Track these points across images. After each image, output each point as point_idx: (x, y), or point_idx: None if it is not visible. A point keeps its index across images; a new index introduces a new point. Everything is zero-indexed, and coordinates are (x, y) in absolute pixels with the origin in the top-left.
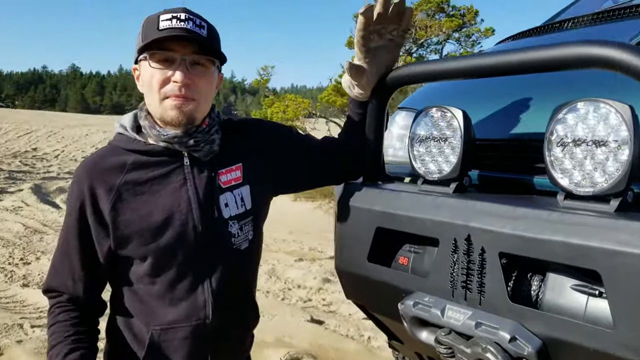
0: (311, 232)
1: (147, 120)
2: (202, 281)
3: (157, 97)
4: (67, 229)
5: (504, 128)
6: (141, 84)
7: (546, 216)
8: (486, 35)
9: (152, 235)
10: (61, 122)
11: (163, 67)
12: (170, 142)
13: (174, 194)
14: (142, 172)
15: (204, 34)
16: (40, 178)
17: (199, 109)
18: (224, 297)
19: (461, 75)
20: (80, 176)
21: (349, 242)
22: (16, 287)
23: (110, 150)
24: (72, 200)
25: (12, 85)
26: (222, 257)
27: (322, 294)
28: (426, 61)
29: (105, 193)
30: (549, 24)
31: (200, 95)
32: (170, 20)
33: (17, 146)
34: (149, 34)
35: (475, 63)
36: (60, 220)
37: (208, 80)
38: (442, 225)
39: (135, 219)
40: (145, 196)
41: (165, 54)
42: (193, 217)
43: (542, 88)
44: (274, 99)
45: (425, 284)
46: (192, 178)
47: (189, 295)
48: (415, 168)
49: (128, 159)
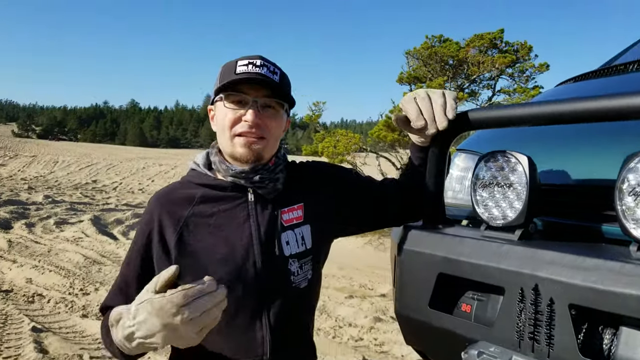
0: (361, 268)
1: (217, 156)
2: (260, 317)
3: (228, 135)
4: (130, 255)
5: (570, 174)
6: (215, 123)
7: (619, 268)
8: (540, 71)
9: (214, 267)
10: (120, 155)
11: (236, 108)
12: (238, 177)
13: (237, 228)
14: (209, 205)
15: (277, 79)
16: (99, 209)
17: (267, 148)
18: (281, 335)
19: (531, 122)
20: (151, 206)
21: (410, 286)
22: (76, 317)
23: (182, 184)
24: (140, 227)
25: (76, 120)
26: (281, 294)
27: (373, 333)
28: (492, 107)
29: (172, 223)
30: (613, 67)
31: (269, 135)
32: (246, 66)
33: (78, 178)
34: (225, 77)
35: (548, 110)
36: (117, 252)
37: (277, 122)
38: (509, 274)
39: (199, 250)
40: (210, 228)
41: (239, 95)
42: (254, 252)
43: (609, 133)
44: (325, 134)
45: (490, 334)
46: (255, 214)
47: (247, 331)
48: (478, 213)
49: (197, 193)
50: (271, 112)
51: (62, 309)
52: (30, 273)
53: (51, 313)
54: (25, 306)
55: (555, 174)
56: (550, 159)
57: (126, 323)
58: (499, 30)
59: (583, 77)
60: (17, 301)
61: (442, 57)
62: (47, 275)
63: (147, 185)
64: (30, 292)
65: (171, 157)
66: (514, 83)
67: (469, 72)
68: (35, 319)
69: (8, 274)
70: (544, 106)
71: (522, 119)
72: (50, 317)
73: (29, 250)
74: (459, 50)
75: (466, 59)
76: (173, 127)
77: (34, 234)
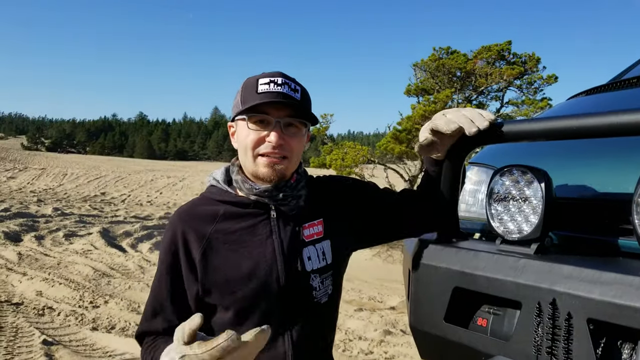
0: (369, 281)
1: (239, 175)
2: (282, 332)
3: (251, 154)
4: (160, 276)
5: (585, 187)
6: (236, 140)
7: (638, 282)
8: (549, 83)
9: (237, 283)
10: (128, 167)
11: (259, 129)
12: (261, 195)
13: (260, 245)
14: (232, 222)
15: (298, 97)
16: (108, 222)
17: (290, 166)
18: (303, 349)
19: (546, 136)
20: (174, 224)
21: (425, 300)
22: (86, 330)
23: (202, 200)
24: (165, 247)
25: (84, 133)
26: (303, 309)
27: (384, 346)
28: (507, 121)
29: (196, 240)
30: (625, 80)
31: (291, 154)
32: (268, 85)
33: (87, 190)
34: (248, 97)
35: (565, 125)
36: (126, 264)
37: (299, 141)
38: (526, 288)
39: (224, 266)
40: (234, 245)
41: (262, 116)
42: (277, 268)
43: (625, 147)
44: (333, 146)
45: (507, 348)
46: (278, 231)
47: (270, 346)
48: (493, 227)
49: (219, 210)
50: (293, 130)
51: (72, 322)
52: (41, 286)
53: (61, 326)
54: (36, 319)
55: (571, 187)
56: (565, 172)
57: None
58: (506, 42)
59: (595, 90)
60: (28, 314)
61: (450, 69)
62: (57, 287)
63: (156, 197)
64: (40, 305)
65: (179, 169)
66: (522, 95)
67: (477, 83)
68: (45, 332)
69: (18, 286)
70: (557, 121)
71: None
72: (61, 330)
73: (38, 263)
74: (466, 62)
75: (474, 70)
76: (181, 140)
77: (43, 246)
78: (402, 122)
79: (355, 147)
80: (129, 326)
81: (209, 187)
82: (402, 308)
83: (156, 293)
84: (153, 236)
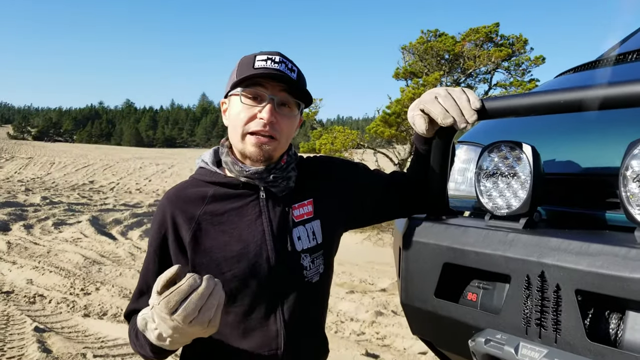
0: (360, 264)
1: (229, 157)
2: (274, 312)
3: (240, 132)
4: (148, 257)
5: (573, 162)
6: (227, 117)
7: (625, 253)
8: (536, 64)
9: (228, 264)
10: (116, 155)
11: (252, 104)
12: (252, 177)
13: (250, 225)
14: (221, 203)
15: (294, 77)
16: (97, 210)
17: (279, 147)
18: (295, 329)
19: (541, 111)
20: (163, 207)
21: (415, 277)
22: (78, 317)
23: (191, 182)
24: (154, 229)
25: (71, 121)
26: (294, 289)
27: (375, 327)
28: (495, 97)
29: (186, 222)
30: (613, 57)
31: (281, 135)
32: (265, 61)
33: (75, 179)
34: (244, 71)
35: (562, 98)
36: (116, 252)
37: (291, 122)
38: (515, 261)
39: (213, 248)
40: (223, 226)
41: (257, 90)
42: (267, 248)
43: (610, 122)
44: (322, 131)
45: (497, 321)
46: (267, 211)
47: (262, 326)
48: (482, 203)
49: (208, 191)
50: (286, 110)
51: (63, 309)
52: (31, 274)
53: (53, 313)
54: (27, 307)
55: (559, 163)
56: (553, 148)
57: (151, 326)
58: (494, 24)
59: (583, 67)
60: (19, 302)
61: (438, 51)
62: (47, 275)
63: (145, 185)
64: (31, 293)
65: (167, 156)
66: (510, 77)
67: (465, 66)
68: (37, 319)
69: (8, 275)
70: (551, 95)
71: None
72: (52, 317)
73: (28, 252)
74: (454, 44)
75: (462, 53)
76: (169, 127)
77: (32, 235)
78: (391, 106)
79: (345, 132)
80: (120, 312)
81: (198, 169)
82: (392, 290)
83: (144, 273)
84: (143, 223)
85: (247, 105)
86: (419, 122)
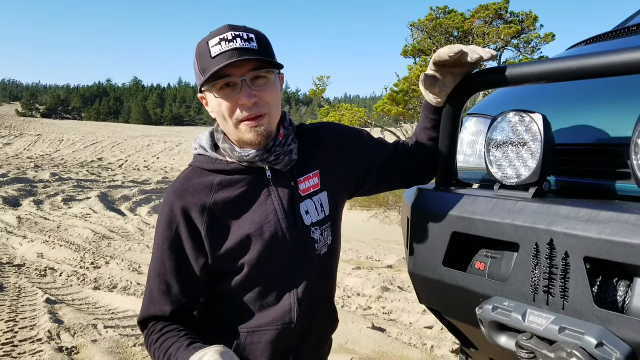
0: (367, 241)
1: (226, 144)
2: (289, 287)
3: (232, 123)
4: (161, 255)
5: (583, 133)
6: (211, 110)
7: (634, 220)
8: (546, 41)
9: (246, 249)
10: (124, 133)
11: (227, 94)
12: (253, 161)
13: (261, 207)
14: (229, 190)
15: (255, 47)
16: (106, 187)
17: (272, 119)
18: (308, 301)
19: (552, 78)
20: (170, 201)
21: (424, 246)
22: (88, 290)
23: (193, 172)
24: (164, 225)
25: (79, 99)
26: (307, 263)
27: (381, 302)
28: (508, 65)
29: (198, 214)
30: (627, 28)
31: (269, 108)
32: (219, 45)
33: (84, 156)
34: (205, 65)
35: (573, 65)
36: (125, 227)
37: (272, 90)
38: (523, 229)
39: (230, 235)
40: (236, 213)
41: (226, 80)
42: (281, 227)
43: (622, 91)
44: (330, 109)
45: (505, 289)
46: (276, 190)
47: (277, 301)
48: (492, 173)
49: (214, 180)
50: (262, 82)
51: (74, 282)
52: (42, 248)
53: (64, 286)
54: (38, 280)
55: (569, 133)
56: (563, 119)
57: None
58: (504, 1)
59: (596, 39)
60: (30, 275)
61: (447, 28)
62: (57, 250)
63: (153, 162)
64: (42, 266)
65: (175, 134)
66: (520, 54)
67: (474, 43)
68: (48, 292)
69: (19, 249)
70: (563, 62)
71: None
72: (63, 289)
73: (38, 227)
74: (464, 21)
75: (471, 30)
76: (177, 105)
77: (42, 210)
78: (399, 84)
79: (353, 110)
80: (130, 285)
81: (196, 157)
82: (399, 266)
83: (159, 272)
84: (151, 200)
85: (223, 97)
86: (430, 78)
